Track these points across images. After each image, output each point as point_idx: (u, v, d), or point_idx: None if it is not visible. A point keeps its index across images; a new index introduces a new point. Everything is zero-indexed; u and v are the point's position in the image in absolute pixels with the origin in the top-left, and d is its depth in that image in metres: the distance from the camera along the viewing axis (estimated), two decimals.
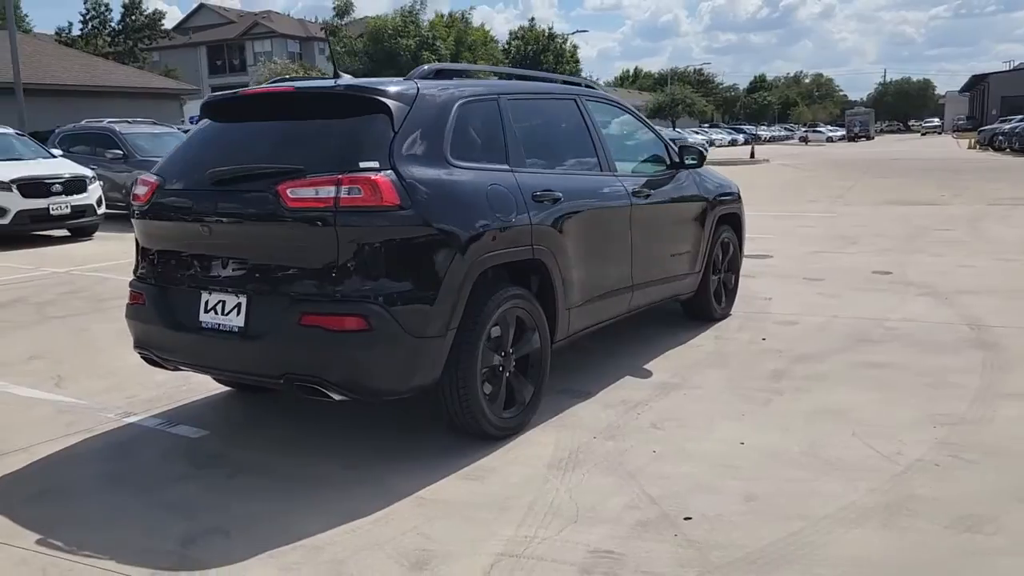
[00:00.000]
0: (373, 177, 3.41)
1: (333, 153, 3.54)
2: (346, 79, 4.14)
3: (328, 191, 3.37)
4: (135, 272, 4.14)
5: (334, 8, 24.58)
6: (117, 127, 14.91)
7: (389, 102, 3.66)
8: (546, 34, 33.55)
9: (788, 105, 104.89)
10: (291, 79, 3.74)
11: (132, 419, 4.47)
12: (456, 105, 3.91)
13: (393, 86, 3.79)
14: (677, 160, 5.57)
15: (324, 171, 3.43)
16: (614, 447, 3.88)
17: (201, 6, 63.94)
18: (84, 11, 45.82)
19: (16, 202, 11.75)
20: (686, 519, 3.13)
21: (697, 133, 56.04)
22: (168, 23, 50.63)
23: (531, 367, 4.17)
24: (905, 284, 7.50)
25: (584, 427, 4.14)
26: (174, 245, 3.89)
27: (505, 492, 3.42)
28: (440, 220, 3.59)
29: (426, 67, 4.24)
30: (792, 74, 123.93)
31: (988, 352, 5.21)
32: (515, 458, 3.78)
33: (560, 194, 4.26)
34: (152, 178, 3.96)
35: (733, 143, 57.81)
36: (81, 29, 45.16)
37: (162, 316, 3.87)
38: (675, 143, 5.76)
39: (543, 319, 4.18)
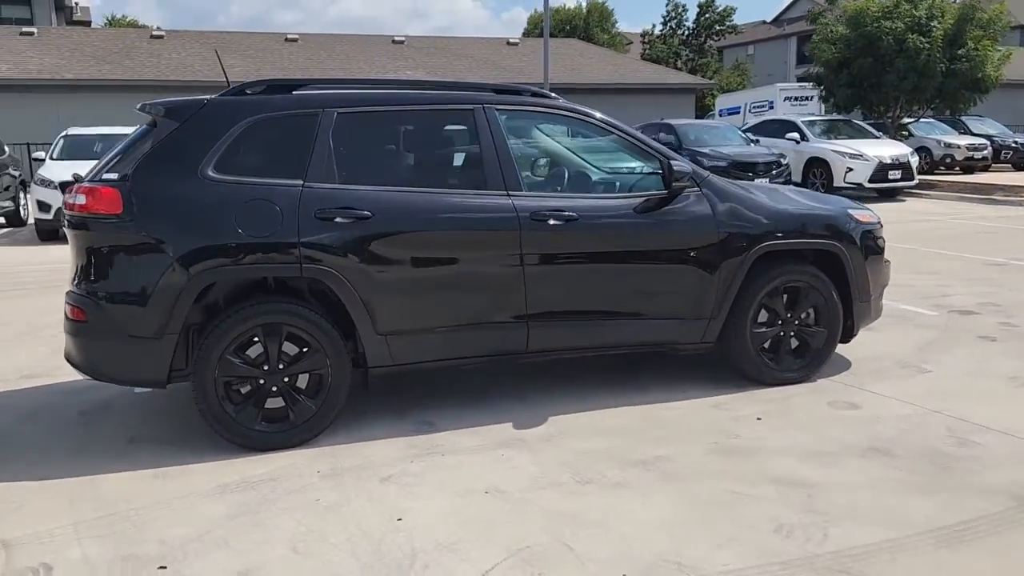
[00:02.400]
0: (99, 188, 3.82)
1: (107, 164, 4.02)
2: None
3: (71, 198, 3.90)
4: None
5: None
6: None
7: (159, 119, 3.99)
8: None
9: None
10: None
11: None
12: (243, 121, 3.99)
13: (176, 104, 4.06)
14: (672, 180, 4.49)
15: (90, 181, 3.95)
16: (302, 485, 3.62)
17: None
18: (664, 13, 50.08)
19: None
20: (160, 568, 2.96)
21: None
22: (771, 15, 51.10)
23: (320, 388, 4.07)
24: None
25: (330, 462, 3.88)
26: None
27: (142, 496, 3.54)
28: (160, 231, 3.81)
29: (263, 80, 4.33)
30: None
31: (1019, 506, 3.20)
32: (219, 472, 3.77)
33: (368, 212, 4.00)
34: None
35: None
36: (661, 30, 49.34)
37: None
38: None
39: (335, 341, 4.02)
